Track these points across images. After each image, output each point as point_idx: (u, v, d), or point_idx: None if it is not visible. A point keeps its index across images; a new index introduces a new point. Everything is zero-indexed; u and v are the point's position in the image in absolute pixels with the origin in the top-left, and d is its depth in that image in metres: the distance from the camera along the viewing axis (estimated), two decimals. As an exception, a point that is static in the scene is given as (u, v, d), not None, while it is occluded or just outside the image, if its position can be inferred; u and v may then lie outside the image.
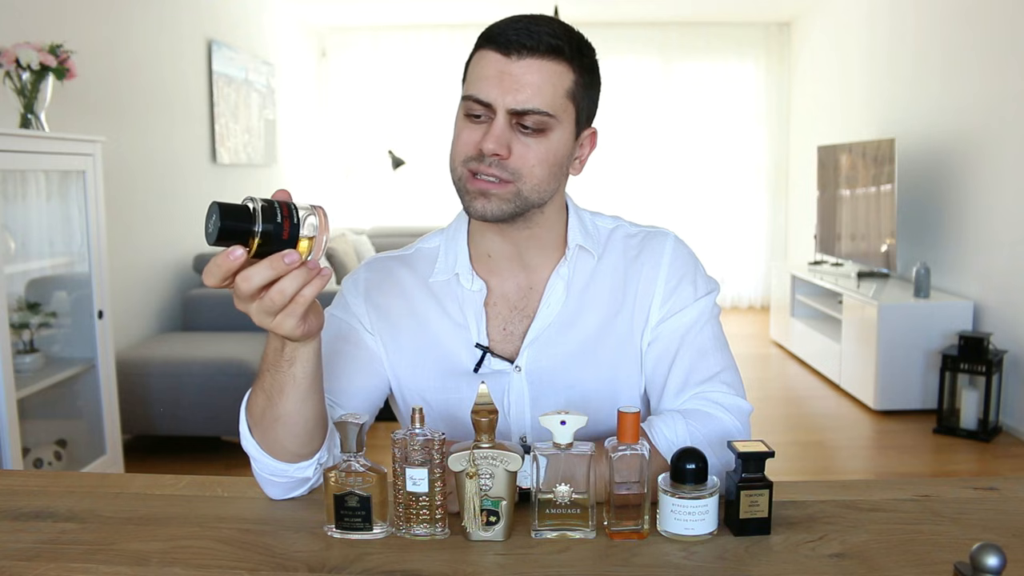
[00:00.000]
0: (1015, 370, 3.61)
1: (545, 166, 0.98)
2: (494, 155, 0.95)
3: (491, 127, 0.95)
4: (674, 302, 1.08)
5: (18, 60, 2.48)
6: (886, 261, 4.28)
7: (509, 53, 0.94)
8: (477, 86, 0.96)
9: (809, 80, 6.26)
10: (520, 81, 0.94)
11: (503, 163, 0.95)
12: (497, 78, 0.94)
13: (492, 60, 0.95)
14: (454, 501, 0.88)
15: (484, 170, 0.96)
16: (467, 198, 0.98)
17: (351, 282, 1.12)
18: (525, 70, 0.94)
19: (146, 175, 3.75)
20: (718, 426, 1.02)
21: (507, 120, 0.95)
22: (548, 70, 0.95)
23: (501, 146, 0.94)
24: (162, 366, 3.24)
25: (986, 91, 3.80)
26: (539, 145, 0.96)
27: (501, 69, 0.94)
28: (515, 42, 0.94)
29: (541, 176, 0.98)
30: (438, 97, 6.37)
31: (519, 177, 0.96)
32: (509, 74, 0.94)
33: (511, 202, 0.97)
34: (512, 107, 0.94)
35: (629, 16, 6.35)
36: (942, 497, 0.97)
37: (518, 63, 0.94)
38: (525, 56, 0.94)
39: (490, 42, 0.96)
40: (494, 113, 0.95)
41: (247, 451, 0.95)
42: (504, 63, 0.94)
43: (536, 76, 0.94)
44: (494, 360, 1.07)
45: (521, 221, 1.02)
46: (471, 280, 1.07)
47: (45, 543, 0.87)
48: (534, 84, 0.94)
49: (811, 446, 3.62)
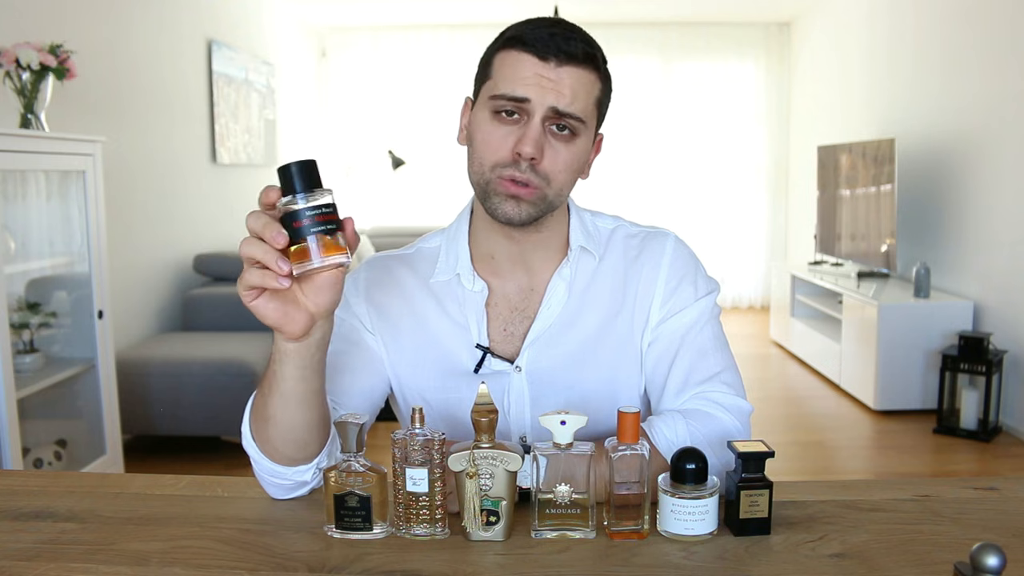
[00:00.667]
0: (1015, 370, 3.61)
1: (570, 172, 0.99)
2: (531, 159, 0.95)
3: (527, 129, 0.95)
4: (674, 302, 1.08)
5: (18, 60, 2.48)
6: (886, 261, 4.28)
7: (547, 58, 0.95)
8: (512, 85, 0.95)
9: (809, 80, 6.26)
10: (562, 85, 0.95)
11: (535, 168, 0.96)
12: (535, 80, 0.95)
13: (528, 62, 0.95)
14: (454, 501, 0.87)
15: (518, 176, 0.96)
16: (496, 199, 0.98)
17: (352, 281, 1.12)
18: (566, 76, 0.95)
19: (146, 175, 3.75)
20: (718, 426, 1.02)
21: (541, 122, 0.95)
22: (584, 78, 0.96)
23: (538, 149, 0.95)
24: (162, 366, 3.24)
25: (986, 91, 3.80)
26: (567, 150, 0.97)
27: (539, 72, 0.95)
28: (553, 48, 0.95)
29: (565, 181, 0.99)
30: (438, 97, 6.35)
31: (548, 182, 0.97)
32: (548, 78, 0.95)
33: (538, 206, 0.98)
34: (555, 106, 0.94)
35: (629, 16, 6.35)
36: (942, 497, 0.97)
37: (557, 69, 0.95)
38: (564, 63, 0.95)
39: (522, 44, 0.96)
40: (527, 114, 0.95)
41: (247, 452, 0.95)
42: (542, 67, 0.95)
43: (575, 82, 0.96)
44: (494, 361, 1.07)
45: (533, 224, 1.02)
46: (472, 281, 1.07)
47: (45, 543, 0.87)
48: (574, 91, 0.95)
49: (811, 446, 3.62)
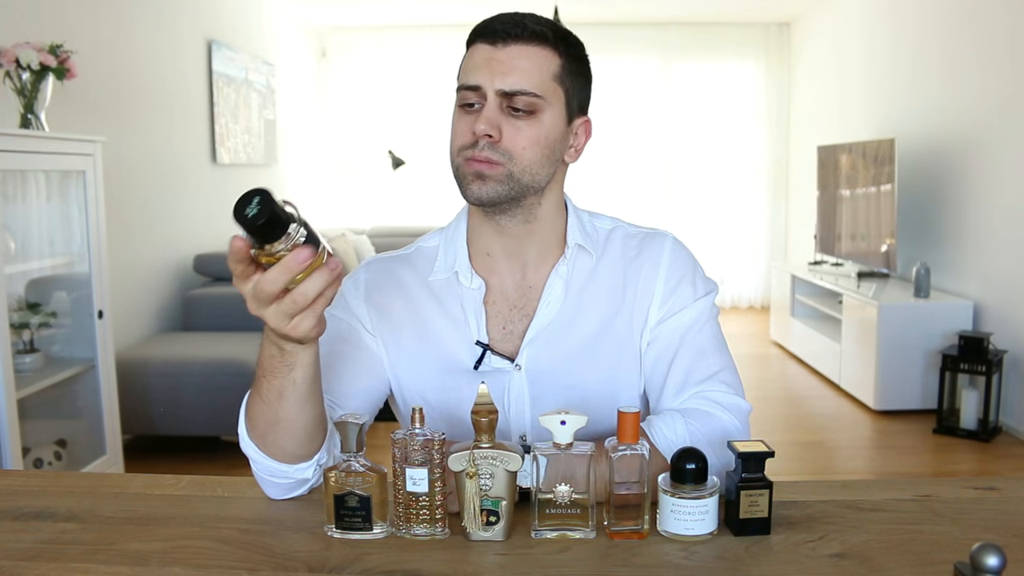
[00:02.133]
0: (1015, 370, 3.61)
1: (536, 148, 1.00)
2: (485, 136, 0.97)
3: (482, 111, 0.98)
4: (673, 303, 1.08)
5: (18, 60, 2.48)
6: (886, 261, 4.28)
7: (495, 42, 0.99)
8: (467, 75, 1.00)
9: (809, 80, 6.25)
10: (508, 65, 0.97)
11: (495, 146, 0.98)
12: (485, 64, 0.98)
13: (480, 50, 1.00)
14: (454, 501, 0.87)
15: (477, 155, 0.98)
16: (464, 183, 1.01)
17: (351, 282, 1.12)
18: (512, 55, 0.98)
19: (146, 175, 3.75)
20: (718, 425, 1.02)
21: (498, 103, 0.98)
22: (534, 54, 0.99)
23: (492, 127, 0.97)
24: (162, 366, 3.24)
25: (986, 91, 3.80)
26: (530, 128, 0.99)
27: (489, 56, 0.98)
28: (501, 31, 0.99)
29: (532, 158, 1.00)
30: (438, 97, 6.36)
31: (511, 159, 0.98)
32: (497, 60, 0.98)
33: (504, 183, 0.99)
34: (501, 88, 0.97)
35: (629, 16, 6.35)
36: (942, 497, 0.97)
37: (504, 49, 0.98)
38: (511, 43, 0.98)
39: (478, 36, 1.01)
40: (484, 99, 0.98)
41: (246, 453, 0.95)
42: (491, 51, 0.98)
43: (524, 60, 0.98)
44: (494, 358, 1.07)
45: (519, 212, 1.03)
46: (470, 278, 1.08)
47: (45, 543, 0.87)
48: (522, 67, 0.98)
49: (811, 446, 3.62)
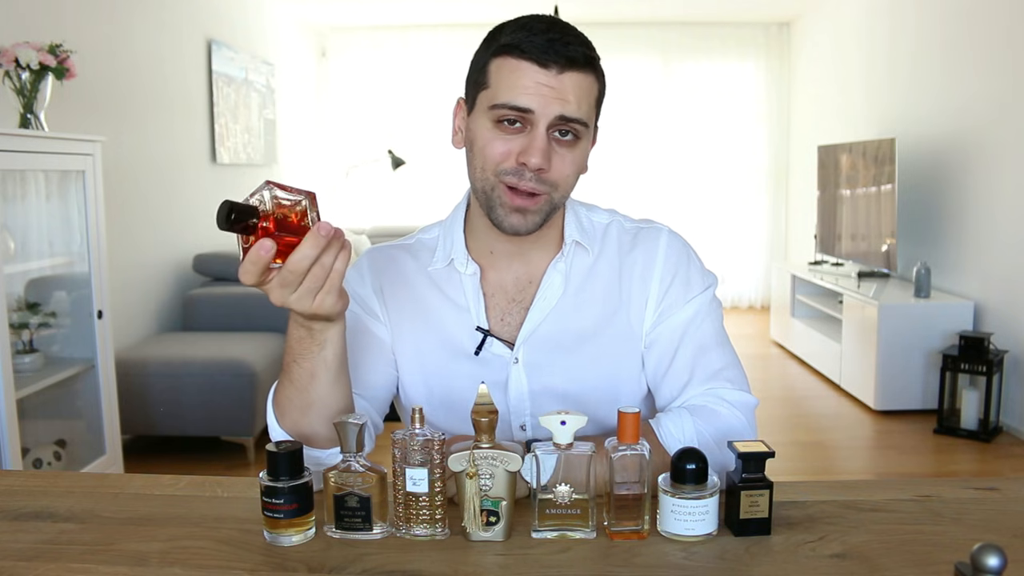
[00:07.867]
0: (1015, 370, 3.60)
1: (576, 173, 1.00)
2: (538, 170, 0.95)
3: (532, 139, 0.95)
4: (671, 300, 1.08)
5: (18, 60, 2.47)
6: (886, 261, 4.28)
7: (547, 65, 0.94)
8: (513, 95, 0.94)
9: (809, 80, 6.25)
10: (562, 93, 0.94)
11: (542, 177, 0.96)
12: (536, 88, 0.94)
13: (528, 70, 0.94)
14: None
15: (523, 185, 0.96)
16: (501, 211, 0.98)
17: (355, 272, 1.14)
18: (566, 83, 0.95)
19: (146, 175, 3.75)
20: (724, 423, 1.03)
21: (546, 131, 0.95)
22: (584, 83, 0.97)
23: (545, 159, 0.95)
24: (162, 366, 3.24)
25: (986, 91, 3.80)
26: (571, 154, 0.98)
27: (540, 80, 0.94)
28: (553, 54, 0.94)
29: (571, 183, 1.01)
30: (438, 97, 6.36)
31: (555, 187, 0.98)
32: (550, 86, 0.94)
33: (543, 213, 0.99)
34: (561, 114, 0.94)
35: (629, 16, 6.35)
36: (942, 497, 0.97)
37: (559, 76, 0.94)
38: (566, 69, 0.94)
39: (520, 52, 0.95)
40: (531, 124, 0.95)
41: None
42: (543, 75, 0.94)
43: (577, 90, 0.96)
44: (496, 343, 1.08)
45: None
46: (466, 265, 1.08)
47: (45, 543, 0.87)
48: (575, 97, 0.95)
49: (811, 446, 3.62)
